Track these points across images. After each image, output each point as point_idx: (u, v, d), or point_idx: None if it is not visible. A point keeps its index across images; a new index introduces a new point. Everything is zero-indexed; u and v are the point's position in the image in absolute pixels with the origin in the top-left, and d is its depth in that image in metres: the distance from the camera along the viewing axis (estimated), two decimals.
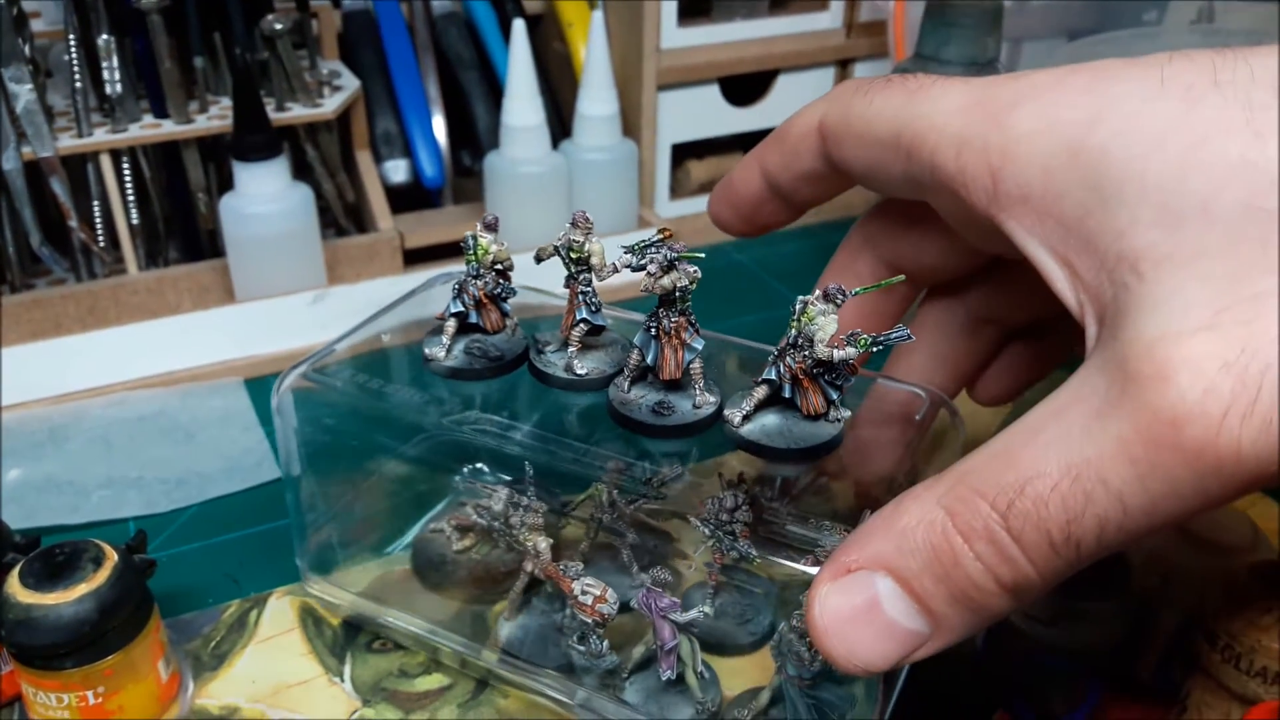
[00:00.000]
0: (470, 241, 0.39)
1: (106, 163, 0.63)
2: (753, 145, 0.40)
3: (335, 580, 0.45)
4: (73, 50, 0.61)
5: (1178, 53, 0.27)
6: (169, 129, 0.63)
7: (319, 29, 0.72)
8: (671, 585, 0.37)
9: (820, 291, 0.34)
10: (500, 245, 0.39)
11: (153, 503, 0.52)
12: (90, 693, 0.37)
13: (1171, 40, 0.69)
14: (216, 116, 0.65)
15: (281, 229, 0.63)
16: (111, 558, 0.38)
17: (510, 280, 0.40)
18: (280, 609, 0.46)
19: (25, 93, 0.59)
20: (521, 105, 0.68)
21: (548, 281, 0.42)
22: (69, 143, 0.61)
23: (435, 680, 0.42)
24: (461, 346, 0.40)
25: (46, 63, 0.66)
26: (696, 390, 0.37)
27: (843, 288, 0.33)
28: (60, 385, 0.59)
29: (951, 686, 0.42)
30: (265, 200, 0.62)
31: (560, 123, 0.78)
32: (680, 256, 0.35)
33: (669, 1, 0.73)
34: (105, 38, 0.61)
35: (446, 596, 0.45)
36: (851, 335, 0.33)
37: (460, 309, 0.39)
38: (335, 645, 0.44)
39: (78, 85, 0.61)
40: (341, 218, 0.73)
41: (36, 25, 0.64)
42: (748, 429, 0.36)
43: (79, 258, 0.65)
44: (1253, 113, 0.24)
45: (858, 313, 0.39)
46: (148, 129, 0.63)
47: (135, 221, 0.65)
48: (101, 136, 0.62)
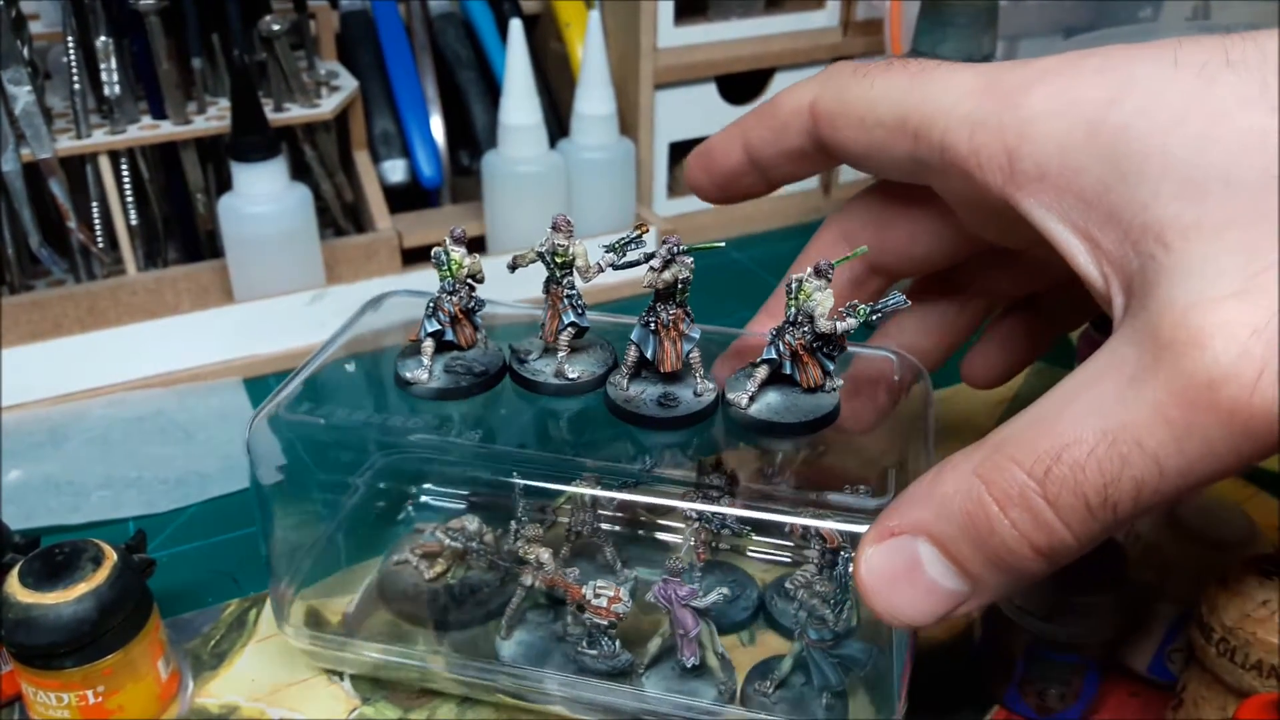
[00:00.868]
0: (443, 257, 0.38)
1: (105, 164, 0.63)
2: None
3: (319, 629, 0.43)
4: (71, 52, 0.61)
5: (1185, 37, 0.27)
6: (167, 130, 0.64)
7: (317, 30, 0.72)
8: (686, 574, 0.38)
9: (811, 269, 0.35)
10: (472, 257, 0.38)
11: (152, 502, 0.52)
12: (90, 692, 0.37)
13: (1168, 36, 0.69)
14: (215, 117, 0.65)
15: (280, 229, 0.63)
16: (111, 557, 0.38)
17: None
18: None
19: (24, 94, 0.59)
20: (519, 105, 0.68)
21: (503, 290, 0.42)
22: (68, 144, 0.61)
23: None
24: (441, 366, 0.39)
25: (45, 64, 0.66)
26: (697, 379, 0.38)
27: (831, 262, 0.35)
28: (59, 386, 0.60)
29: (949, 681, 0.42)
30: (264, 200, 0.62)
31: (558, 122, 0.78)
32: (696, 247, 0.36)
33: (665, 0, 0.73)
34: (103, 39, 0.61)
35: (430, 628, 0.43)
36: (850, 306, 0.34)
37: (437, 327, 0.38)
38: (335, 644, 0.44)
39: (76, 87, 0.61)
40: (340, 218, 0.73)
41: (35, 27, 0.64)
42: (755, 409, 0.37)
43: (78, 259, 0.65)
44: (1265, 90, 0.25)
45: (840, 298, 0.39)
46: (146, 130, 0.63)
47: (134, 222, 0.65)
48: (100, 138, 0.62)
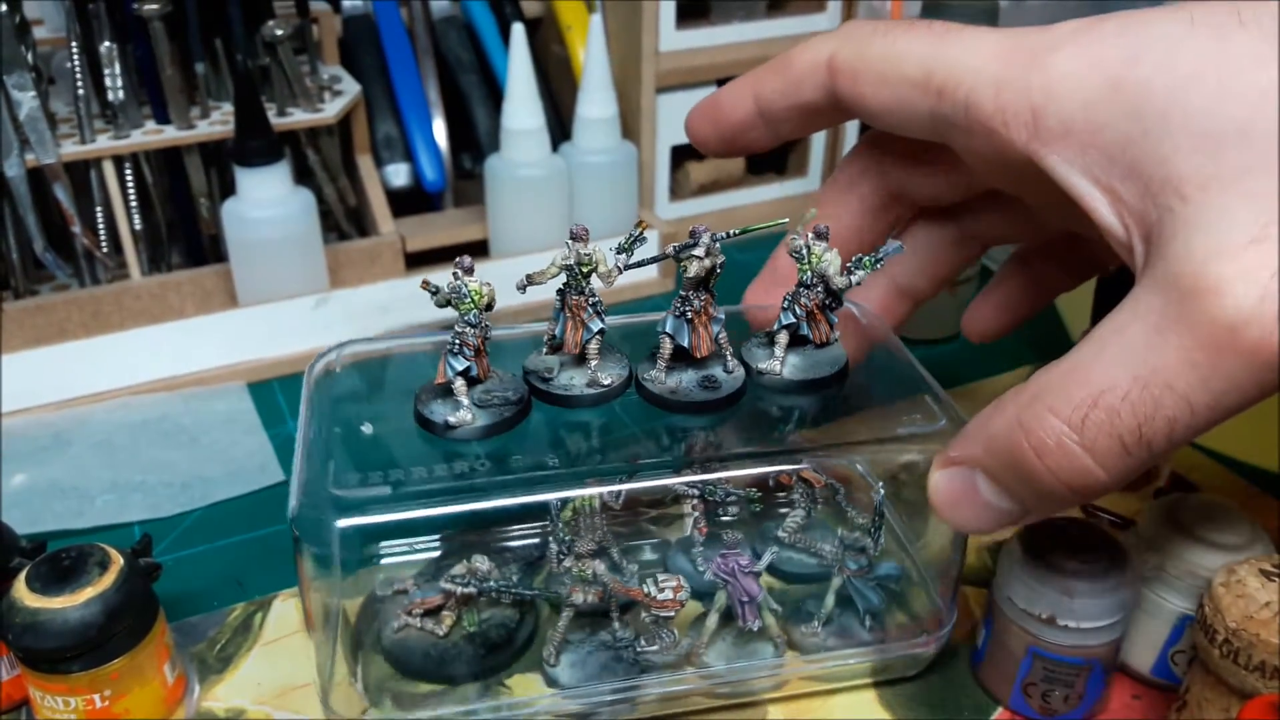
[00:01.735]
0: (462, 290, 0.37)
1: (109, 169, 0.63)
2: None
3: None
4: (75, 57, 0.61)
5: (1196, 3, 0.29)
6: (171, 135, 0.64)
7: (319, 34, 0.72)
8: (738, 543, 0.40)
9: (812, 234, 0.38)
10: (486, 285, 0.37)
11: (157, 507, 0.52)
12: (97, 696, 0.37)
13: None
14: (218, 122, 0.65)
15: (283, 233, 0.63)
16: (117, 562, 0.38)
17: None
18: (285, 612, 0.46)
19: (28, 100, 0.59)
20: (521, 108, 0.69)
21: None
22: (72, 149, 0.61)
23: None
24: (471, 402, 0.38)
25: (49, 70, 0.66)
26: (728, 357, 0.40)
27: (826, 227, 0.38)
28: (64, 390, 0.60)
29: (953, 683, 0.42)
30: (267, 205, 0.62)
31: (560, 126, 0.78)
32: (751, 229, 0.38)
33: (667, 3, 0.73)
34: (107, 44, 0.62)
35: (467, 682, 0.41)
36: (856, 260, 0.38)
37: (466, 364, 0.37)
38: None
39: (80, 92, 0.62)
40: (343, 222, 0.73)
41: (39, 32, 0.64)
42: (788, 372, 0.40)
43: (82, 263, 0.65)
44: (1278, 49, 0.26)
45: (851, 238, 0.42)
46: (150, 135, 0.63)
47: (138, 227, 0.65)
48: (104, 143, 0.62)
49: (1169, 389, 0.26)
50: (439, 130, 0.77)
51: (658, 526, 0.49)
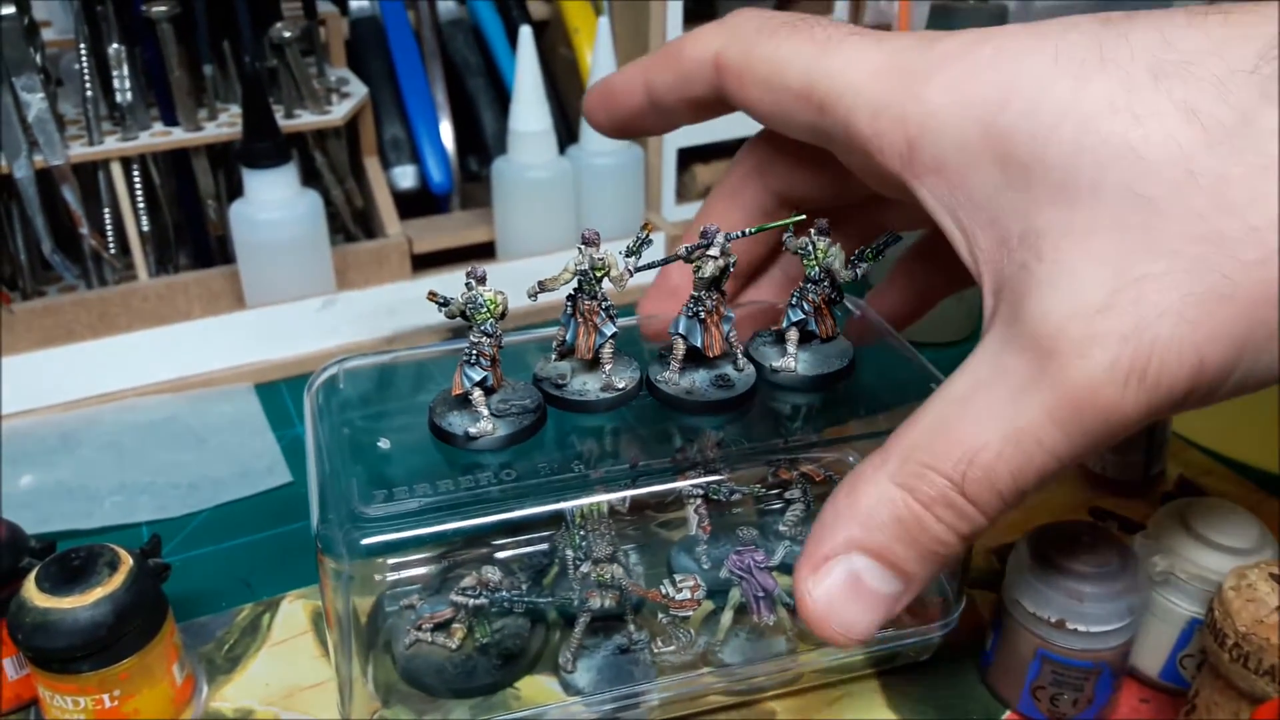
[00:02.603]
0: (477, 299, 0.36)
1: (117, 170, 0.63)
2: None
3: None
4: (83, 59, 0.62)
5: (1070, 22, 0.29)
6: (179, 137, 0.64)
7: (327, 36, 0.72)
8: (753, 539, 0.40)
9: (814, 230, 0.39)
10: (500, 293, 0.36)
11: (165, 508, 0.52)
12: (106, 696, 0.37)
13: None
14: (226, 124, 0.65)
15: (291, 235, 0.63)
16: (126, 562, 0.38)
17: None
18: (293, 612, 0.46)
19: (37, 101, 0.59)
20: (528, 111, 0.69)
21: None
22: (80, 151, 0.62)
23: None
24: (490, 412, 0.37)
25: (57, 72, 0.66)
26: (738, 356, 0.40)
27: (829, 223, 0.39)
28: (72, 391, 0.60)
29: (961, 686, 0.42)
30: (274, 207, 0.62)
31: (567, 128, 0.78)
32: (765, 227, 0.38)
33: (674, 5, 0.73)
34: (115, 47, 0.62)
35: (487, 694, 0.41)
36: (858, 253, 0.39)
37: (483, 374, 0.36)
38: None
39: (88, 94, 0.62)
40: (350, 224, 0.73)
41: (47, 34, 0.64)
42: (801, 368, 0.40)
43: (90, 265, 0.65)
44: (1132, 95, 0.27)
45: (741, 244, 0.41)
46: (158, 137, 0.64)
47: (146, 228, 0.65)
48: (112, 144, 0.62)
49: (1038, 445, 0.27)
50: (446, 132, 0.77)
51: (662, 529, 0.49)
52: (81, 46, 0.61)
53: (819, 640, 0.42)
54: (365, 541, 0.34)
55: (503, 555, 0.45)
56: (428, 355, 0.43)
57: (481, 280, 0.36)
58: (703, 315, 0.38)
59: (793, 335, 0.40)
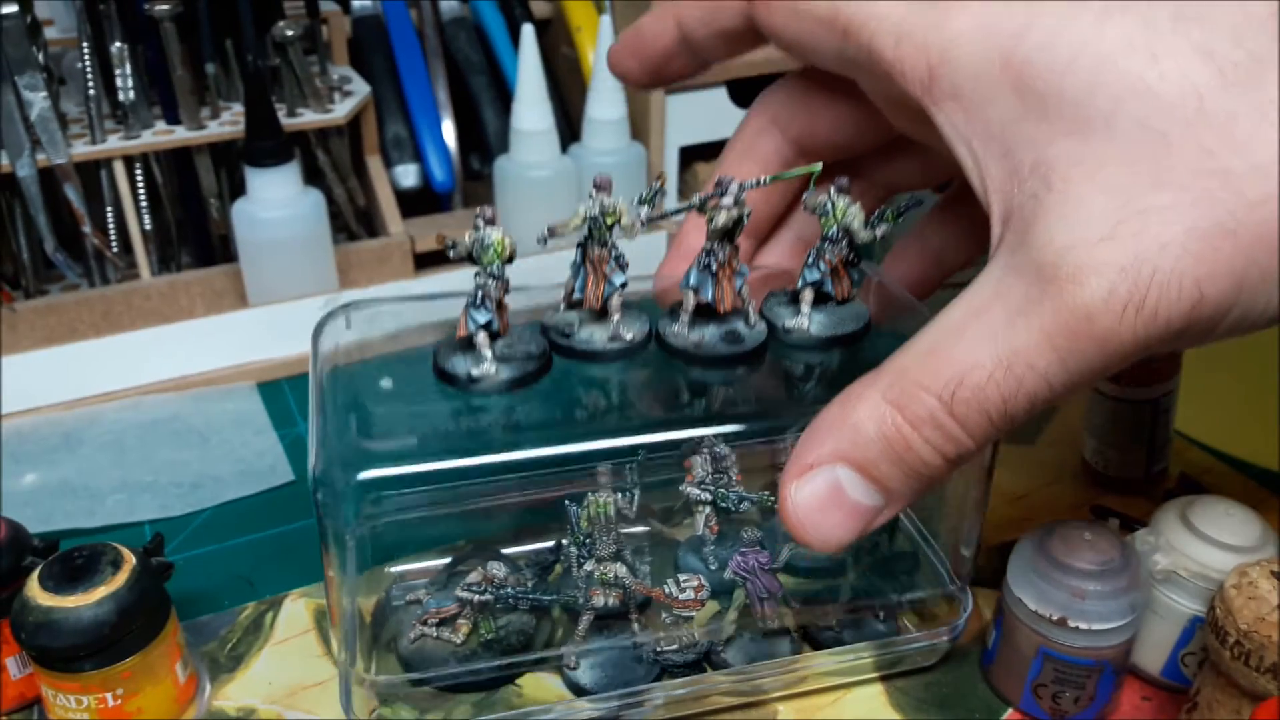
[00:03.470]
0: (486, 240, 0.36)
1: (120, 169, 0.63)
2: None
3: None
4: (86, 58, 0.62)
5: None
6: (181, 135, 0.64)
7: (329, 35, 0.72)
8: (757, 540, 0.40)
9: (834, 188, 0.38)
10: (509, 236, 0.36)
11: (167, 506, 0.53)
12: (109, 695, 0.37)
13: None
14: (228, 122, 0.65)
15: (293, 234, 0.63)
16: (130, 561, 0.38)
17: None
18: (295, 611, 0.46)
19: (39, 100, 0.59)
20: (530, 109, 0.69)
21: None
22: (82, 149, 0.62)
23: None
24: (494, 356, 0.37)
25: (60, 70, 0.66)
26: (750, 312, 0.39)
27: (849, 180, 0.38)
28: (74, 390, 0.60)
29: (963, 684, 0.42)
30: (277, 205, 0.62)
31: (569, 127, 0.78)
32: (781, 176, 0.38)
33: None
34: (118, 45, 0.62)
35: (490, 689, 0.41)
36: (878, 214, 0.38)
37: (489, 317, 0.36)
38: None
39: (91, 92, 0.62)
40: (352, 222, 0.73)
41: (50, 33, 0.64)
42: (814, 329, 0.39)
43: (92, 263, 0.65)
44: (1151, 35, 0.27)
45: (759, 202, 0.41)
46: (160, 135, 0.64)
47: (148, 227, 0.65)
48: (115, 143, 0.62)
49: (1030, 369, 0.28)
50: (448, 131, 0.77)
51: (668, 528, 0.49)
52: (84, 45, 0.62)
53: (825, 643, 0.42)
54: (362, 476, 0.34)
55: (509, 551, 0.46)
56: (437, 301, 0.42)
57: (491, 221, 0.36)
58: (714, 268, 0.37)
59: (807, 295, 0.39)
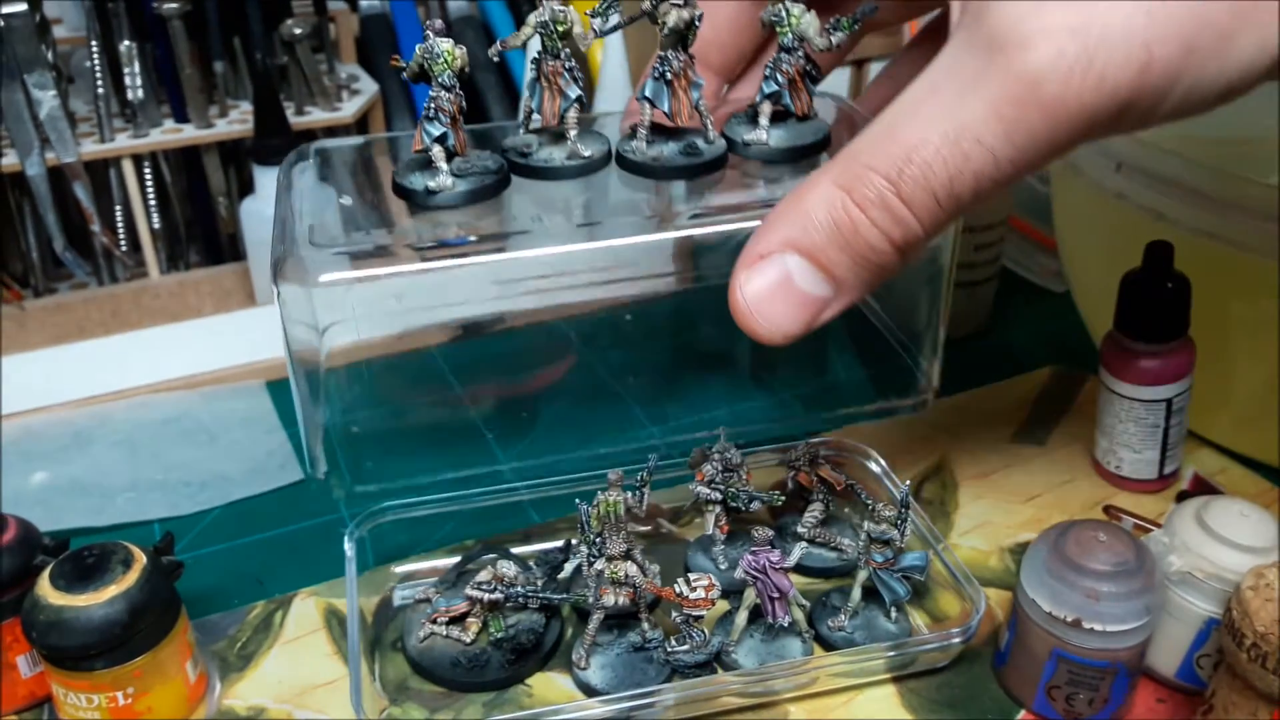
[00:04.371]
0: (435, 49, 0.35)
1: (128, 167, 0.63)
2: None
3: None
4: (95, 56, 0.62)
5: None
6: (190, 134, 0.64)
7: (337, 33, 0.72)
8: (769, 539, 0.40)
9: None
10: (460, 48, 0.36)
11: (177, 505, 0.52)
12: (120, 693, 0.37)
13: None
14: (237, 121, 0.65)
15: None
16: (140, 560, 0.38)
17: None
18: (305, 610, 0.46)
19: (48, 99, 0.59)
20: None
21: None
22: (91, 148, 0.62)
23: None
24: (448, 171, 0.37)
25: (69, 69, 0.66)
26: (709, 127, 0.38)
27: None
28: (83, 388, 0.60)
29: (976, 686, 0.42)
30: None
31: None
32: None
33: None
34: (127, 44, 0.62)
35: (499, 688, 0.41)
36: (834, 21, 0.37)
37: (442, 130, 0.35)
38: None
39: (100, 91, 0.62)
40: None
41: (59, 31, 0.64)
42: (774, 141, 0.39)
43: (101, 262, 0.65)
44: None
45: (727, 34, 0.41)
46: (169, 134, 0.64)
47: (157, 225, 0.65)
48: (123, 141, 0.62)
49: (977, 143, 0.27)
50: None
51: (676, 527, 0.49)
52: (93, 44, 0.62)
53: (836, 644, 0.42)
54: (324, 278, 0.35)
55: (519, 551, 0.45)
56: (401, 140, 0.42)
57: (440, 33, 0.35)
58: (669, 77, 0.37)
59: (765, 108, 0.39)
